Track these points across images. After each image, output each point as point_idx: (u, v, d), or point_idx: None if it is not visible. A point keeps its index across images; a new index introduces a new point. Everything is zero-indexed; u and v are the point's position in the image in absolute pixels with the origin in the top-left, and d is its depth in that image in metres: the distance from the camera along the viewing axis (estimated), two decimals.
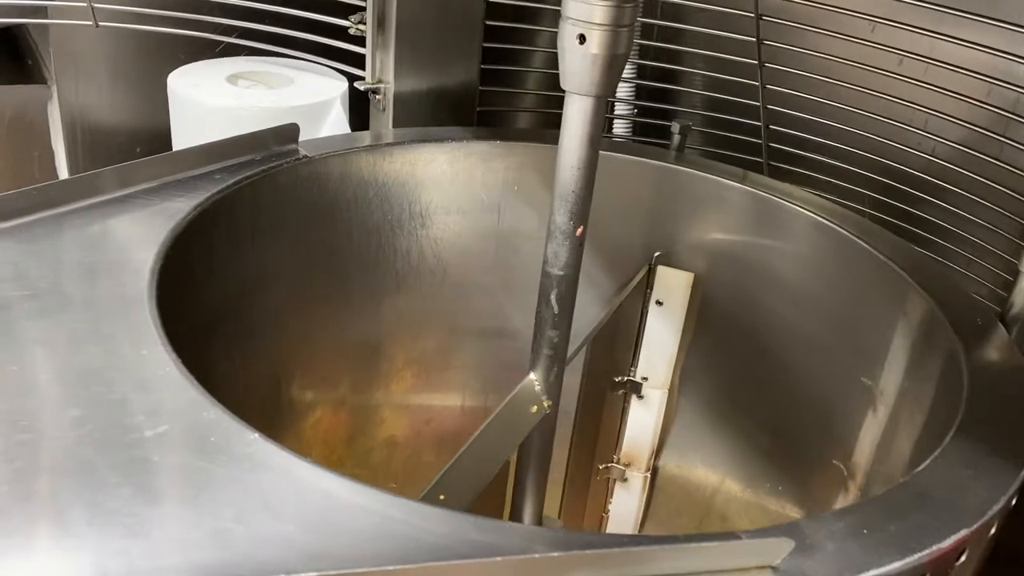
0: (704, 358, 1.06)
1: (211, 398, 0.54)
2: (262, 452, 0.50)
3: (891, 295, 0.78)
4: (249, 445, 0.50)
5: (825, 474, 0.83)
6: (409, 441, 1.18)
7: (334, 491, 0.48)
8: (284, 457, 0.50)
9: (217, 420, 0.52)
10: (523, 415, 0.76)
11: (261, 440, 0.51)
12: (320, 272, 1.00)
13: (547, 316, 0.75)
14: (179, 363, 0.57)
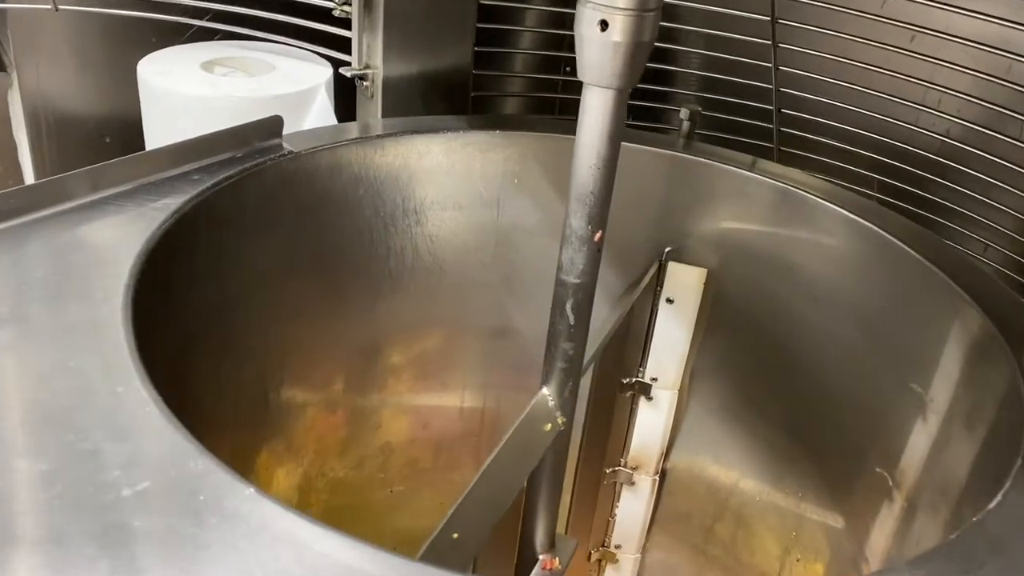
0: (716, 358, 1.00)
1: (198, 444, 0.47)
2: (259, 511, 0.44)
3: (934, 299, 0.73)
4: (244, 502, 0.44)
5: (865, 481, 0.78)
6: (406, 446, 1.12)
7: (343, 557, 0.42)
8: (284, 516, 0.44)
9: (206, 471, 0.46)
10: (537, 435, 0.70)
11: (257, 496, 0.45)
12: (309, 275, 0.93)
13: (562, 327, 0.69)
14: (160, 401, 0.50)
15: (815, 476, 0.89)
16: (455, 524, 0.59)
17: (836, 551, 0.82)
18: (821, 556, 0.87)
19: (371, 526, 1.16)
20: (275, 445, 0.97)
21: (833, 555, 0.83)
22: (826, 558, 0.84)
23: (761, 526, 1.02)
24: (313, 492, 1.05)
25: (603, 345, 0.83)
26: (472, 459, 1.17)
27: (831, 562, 0.82)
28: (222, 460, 0.88)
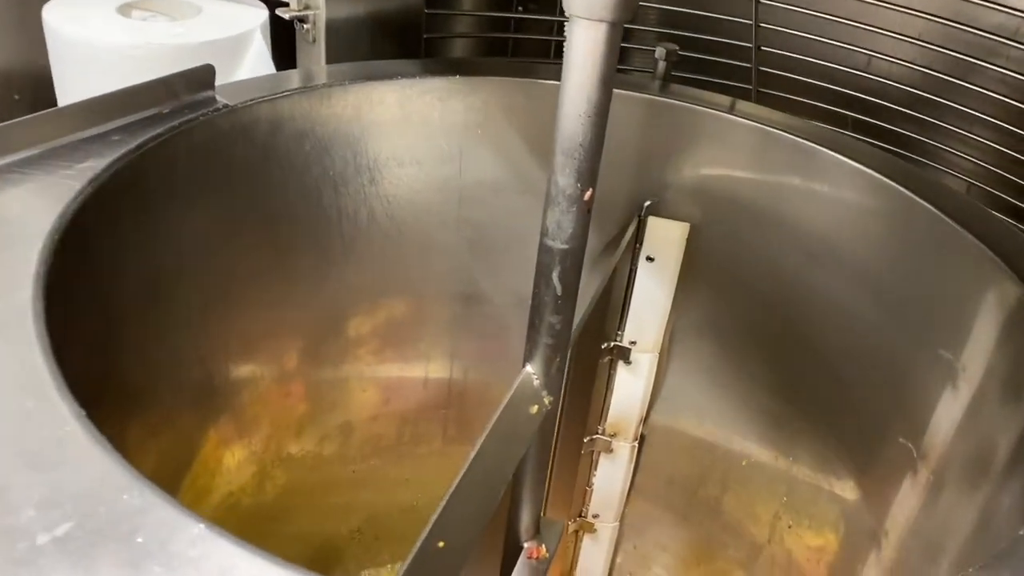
0: (699, 319, 0.94)
1: (134, 471, 0.39)
2: (213, 554, 0.36)
3: (959, 259, 0.66)
4: (193, 544, 0.36)
5: (884, 452, 0.73)
6: (367, 423, 1.04)
7: None
8: (245, 558, 0.36)
9: (145, 506, 0.37)
10: (523, 420, 0.63)
11: (209, 533, 0.36)
12: (253, 243, 0.83)
13: (547, 299, 0.61)
14: (83, 417, 0.41)
15: (815, 442, 0.84)
16: (440, 531, 0.52)
17: (849, 522, 0.77)
18: (827, 525, 0.82)
19: (332, 504, 1.08)
20: (223, 427, 0.88)
21: (847, 527, 0.78)
22: (838, 529, 0.79)
23: (748, 491, 0.97)
24: (268, 475, 0.97)
25: (587, 314, 0.75)
26: (439, 433, 1.09)
27: (846, 534, 0.78)
28: (163, 448, 0.80)
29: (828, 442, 0.82)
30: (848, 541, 0.77)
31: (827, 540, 0.80)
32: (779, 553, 0.93)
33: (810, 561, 0.85)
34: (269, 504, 0.99)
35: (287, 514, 1.03)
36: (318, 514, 1.08)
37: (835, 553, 0.78)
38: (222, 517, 0.92)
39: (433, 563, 0.50)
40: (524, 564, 0.73)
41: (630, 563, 1.16)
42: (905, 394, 0.71)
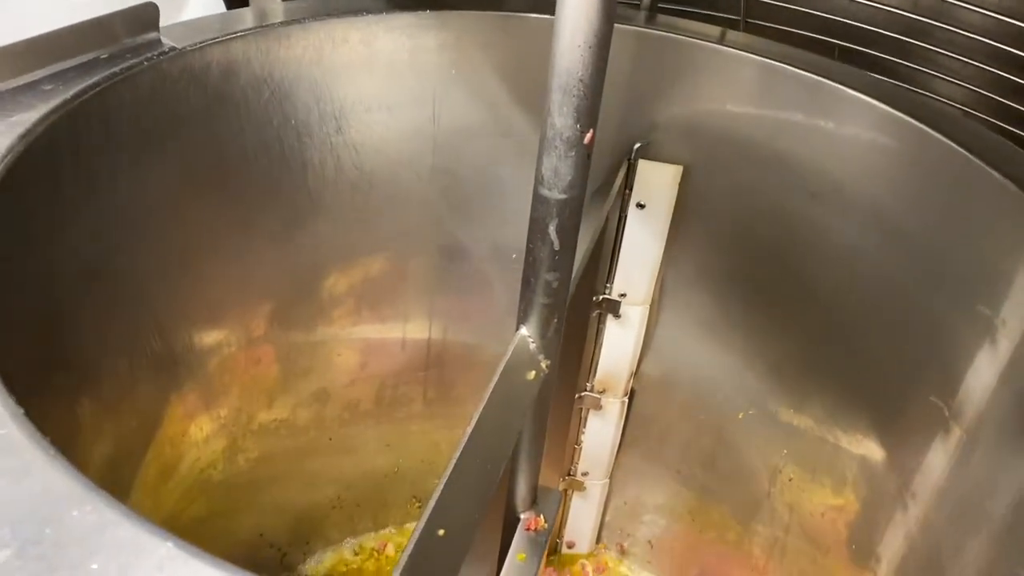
0: (693, 268, 0.89)
1: (85, 480, 0.33)
2: (183, 570, 0.30)
3: (989, 202, 0.61)
4: (160, 567, 0.30)
5: (909, 409, 0.69)
6: (343, 389, 0.98)
7: None
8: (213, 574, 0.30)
9: (99, 523, 0.31)
10: (520, 388, 0.57)
11: (179, 552, 0.31)
12: (210, 201, 0.76)
13: (543, 255, 0.55)
14: (22, 416, 0.35)
15: (823, 396, 0.80)
16: (439, 518, 0.46)
17: (870, 481, 0.74)
18: (843, 482, 0.79)
19: (310, 473, 1.03)
20: (187, 399, 0.81)
21: (867, 485, 0.74)
22: (856, 487, 0.76)
23: (746, 444, 0.93)
24: (240, 447, 0.91)
25: (581, 268, 0.70)
26: (419, 396, 1.04)
27: (867, 494, 0.74)
28: (122, 426, 0.73)
29: (839, 396, 0.78)
30: (869, 501, 0.74)
31: (846, 499, 0.76)
32: (780, 507, 0.90)
33: (827, 519, 0.82)
34: (243, 477, 0.94)
35: (263, 486, 0.98)
36: (296, 484, 1.02)
37: (855, 512, 0.75)
38: (193, 493, 0.87)
39: (434, 554, 0.45)
40: (523, 536, 0.68)
41: (621, 520, 1.13)
42: (935, 350, 0.66)
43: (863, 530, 0.74)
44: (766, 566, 0.95)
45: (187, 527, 0.87)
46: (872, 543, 0.72)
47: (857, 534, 0.75)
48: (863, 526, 0.74)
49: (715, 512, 1.02)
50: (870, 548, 0.72)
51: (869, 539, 0.72)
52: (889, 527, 0.69)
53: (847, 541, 0.78)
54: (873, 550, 0.71)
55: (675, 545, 1.10)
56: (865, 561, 0.72)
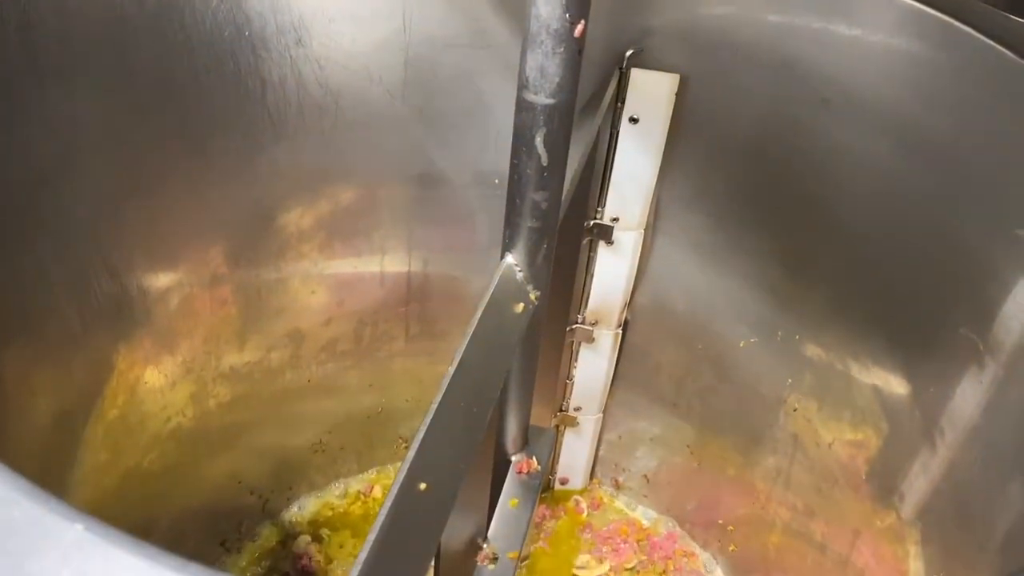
0: (691, 188, 0.82)
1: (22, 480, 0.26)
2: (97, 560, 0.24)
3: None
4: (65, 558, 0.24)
5: (938, 339, 0.63)
6: (319, 328, 0.92)
7: None
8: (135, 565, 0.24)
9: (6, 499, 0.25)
10: (507, 321, 0.51)
11: (90, 537, 0.25)
12: (159, 127, 0.68)
13: (529, 171, 0.49)
14: None
15: (834, 323, 0.75)
16: (420, 469, 0.41)
17: (892, 416, 0.69)
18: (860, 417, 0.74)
19: (289, 417, 0.98)
20: (144, 344, 0.75)
21: (889, 421, 0.69)
22: (877, 423, 0.71)
23: (747, 374, 0.88)
24: (209, 393, 0.85)
25: (571, 188, 0.63)
26: (401, 333, 0.98)
27: (889, 429, 0.69)
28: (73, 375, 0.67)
29: (853, 324, 0.72)
30: (888, 435, 0.69)
31: (858, 431, 0.72)
32: (783, 439, 0.86)
33: (835, 451, 0.78)
34: (215, 424, 0.88)
35: (238, 432, 0.93)
36: (274, 429, 0.97)
37: (870, 445, 0.70)
38: (162, 443, 0.81)
39: (415, 512, 0.40)
40: (515, 480, 0.63)
41: (615, 455, 1.08)
42: (966, 277, 0.60)
43: (881, 465, 0.70)
44: (768, 498, 0.92)
45: (157, 478, 0.82)
46: (894, 480, 0.67)
47: (875, 468, 0.71)
48: (881, 461, 0.70)
49: (714, 445, 0.97)
50: (891, 484, 0.68)
51: (890, 475, 0.68)
52: (914, 465, 0.64)
53: (860, 474, 0.74)
54: (896, 487, 0.67)
55: (672, 479, 1.06)
56: (886, 497, 0.68)
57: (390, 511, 0.38)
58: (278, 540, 1.02)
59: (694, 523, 1.05)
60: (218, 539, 0.97)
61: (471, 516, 0.55)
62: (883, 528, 0.69)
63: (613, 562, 1.02)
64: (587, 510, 1.09)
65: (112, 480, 0.76)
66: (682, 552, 1.04)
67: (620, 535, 1.05)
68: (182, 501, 0.89)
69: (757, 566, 0.97)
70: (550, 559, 1.03)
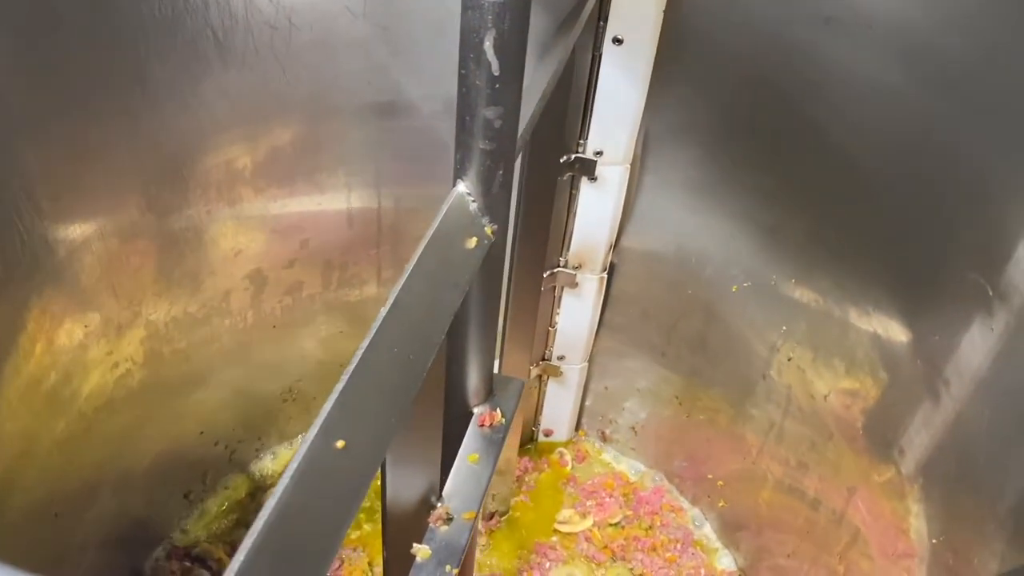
0: (680, 117, 0.75)
1: None
2: None
3: None
4: None
5: (944, 283, 0.57)
6: (282, 271, 0.87)
7: None
8: None
9: None
10: (457, 256, 0.45)
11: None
12: (84, 52, 0.61)
13: (479, 81, 0.42)
14: None
15: (832, 266, 0.68)
16: (337, 423, 0.35)
17: (891, 365, 0.63)
18: (857, 365, 0.68)
19: (255, 365, 0.92)
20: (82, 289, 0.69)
21: (888, 370, 0.63)
22: (875, 371, 0.64)
23: (739, 321, 0.82)
24: (163, 339, 0.80)
25: (538, 110, 0.56)
26: (372, 276, 0.92)
27: (889, 379, 0.63)
28: None
29: (852, 266, 0.66)
30: (888, 386, 0.63)
31: (856, 382, 0.66)
32: (777, 389, 0.80)
33: (831, 403, 0.72)
34: (171, 372, 0.83)
35: (198, 380, 0.87)
36: (238, 376, 0.92)
37: (868, 397, 0.64)
38: (109, 393, 0.76)
39: (329, 473, 0.34)
40: (476, 434, 0.58)
41: (601, 406, 1.03)
42: (977, 216, 0.54)
43: (880, 416, 0.64)
44: (760, 452, 0.86)
45: (108, 433, 0.77)
46: (894, 432, 0.61)
47: (872, 420, 0.65)
48: (879, 412, 0.64)
49: (704, 396, 0.92)
50: (890, 437, 0.62)
51: (890, 427, 0.62)
52: (915, 417, 0.58)
53: (856, 427, 0.68)
54: (895, 441, 0.61)
55: (661, 431, 1.01)
56: (885, 451, 0.63)
57: (296, 474, 0.33)
58: (247, 492, 0.98)
59: (683, 477, 1.01)
60: (181, 491, 0.93)
61: (420, 473, 0.50)
62: (881, 483, 0.64)
63: (597, 517, 0.97)
64: (571, 463, 1.04)
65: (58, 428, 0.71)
66: (669, 507, 0.99)
67: (605, 489, 1.00)
68: (140, 452, 0.84)
69: (748, 522, 0.92)
70: (531, 513, 0.98)
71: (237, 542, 0.91)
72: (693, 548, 0.95)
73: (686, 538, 0.95)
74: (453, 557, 0.50)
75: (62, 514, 0.73)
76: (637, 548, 0.94)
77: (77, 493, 0.76)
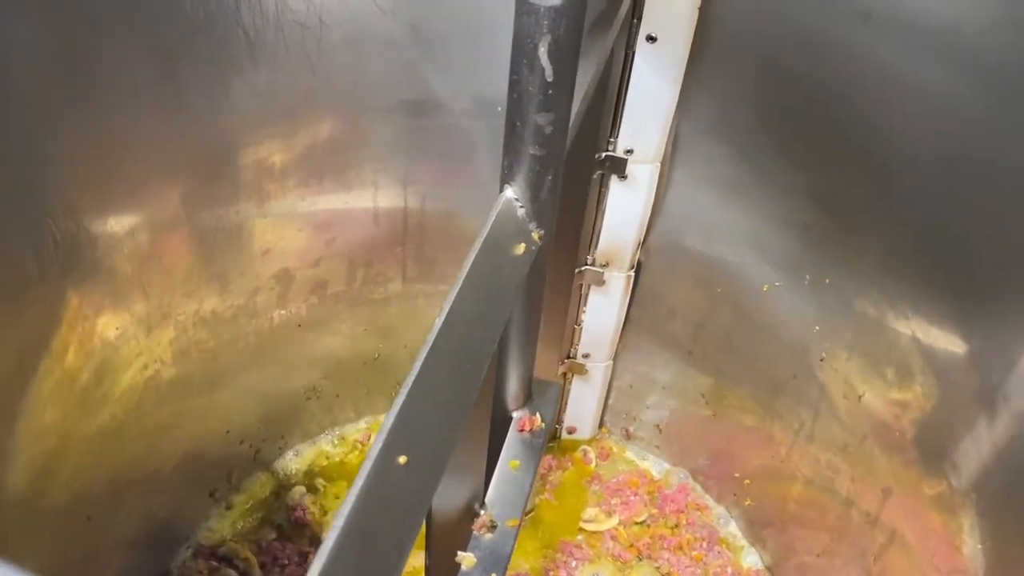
0: (713, 115, 0.75)
1: None
2: None
3: None
4: None
5: (1000, 289, 0.56)
6: (308, 269, 0.86)
7: None
8: None
9: None
10: (506, 264, 0.45)
11: None
12: (116, 50, 0.61)
13: (532, 87, 0.42)
14: None
15: (872, 267, 0.68)
16: (399, 439, 0.35)
17: (937, 372, 0.62)
18: (888, 365, 0.67)
19: (280, 363, 0.92)
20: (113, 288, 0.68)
21: (935, 377, 0.62)
22: (924, 381, 0.64)
23: (770, 320, 0.82)
24: (191, 340, 0.80)
25: (581, 111, 0.56)
26: (397, 274, 0.92)
27: (940, 390, 0.62)
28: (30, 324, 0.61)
29: (894, 269, 0.65)
30: (942, 397, 0.62)
31: (911, 394, 0.65)
32: (809, 390, 0.80)
33: (867, 405, 0.71)
34: (198, 372, 0.83)
35: (225, 379, 0.87)
36: (264, 375, 0.92)
37: (921, 409, 0.64)
38: (139, 394, 0.76)
39: (393, 489, 0.34)
40: (516, 440, 0.57)
41: (626, 403, 1.03)
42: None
43: (928, 429, 0.63)
44: (789, 451, 0.86)
45: (138, 433, 0.77)
46: (944, 446, 0.61)
47: (920, 432, 0.64)
48: (927, 424, 0.63)
49: (731, 395, 0.91)
50: (939, 450, 0.61)
51: (940, 441, 0.61)
52: (969, 432, 0.58)
53: (904, 436, 0.68)
54: (946, 454, 0.60)
55: (685, 429, 1.00)
56: (934, 464, 0.62)
57: (361, 493, 0.32)
58: (271, 491, 0.98)
59: (708, 475, 1.00)
60: (207, 490, 0.92)
61: (466, 481, 0.50)
62: (932, 496, 0.63)
63: (622, 515, 0.97)
64: (595, 460, 1.04)
65: (90, 428, 0.70)
66: (695, 505, 0.99)
67: (630, 487, 1.00)
68: (167, 451, 0.84)
69: (774, 521, 0.92)
70: (556, 512, 0.98)
71: (262, 541, 0.92)
72: (719, 546, 0.95)
73: (712, 536, 0.95)
74: (499, 566, 0.50)
75: (93, 516, 0.72)
76: (663, 547, 0.94)
77: (107, 494, 0.75)
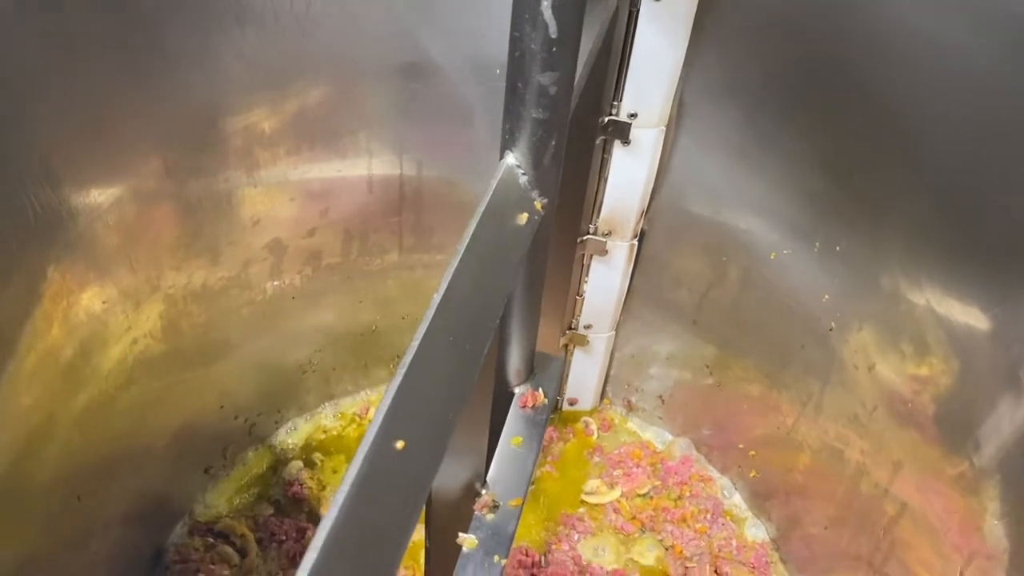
0: (719, 77, 0.72)
1: None
2: None
3: None
4: None
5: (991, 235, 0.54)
6: (301, 240, 0.84)
7: None
8: None
9: None
10: (508, 235, 0.42)
11: None
12: (100, 15, 0.58)
13: (535, 45, 0.39)
14: None
15: (886, 233, 0.65)
16: (397, 424, 0.33)
17: (959, 347, 0.60)
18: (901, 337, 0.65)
19: (275, 336, 0.90)
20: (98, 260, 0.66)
21: (960, 355, 0.60)
22: (945, 355, 0.61)
23: (777, 290, 0.80)
24: (182, 313, 0.78)
25: (585, 73, 0.53)
26: (394, 244, 0.89)
27: (961, 364, 0.60)
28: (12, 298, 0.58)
29: (908, 238, 0.62)
30: (963, 373, 0.60)
31: (922, 365, 0.63)
32: (817, 359, 0.78)
33: (879, 375, 0.69)
34: (190, 346, 0.81)
35: (218, 353, 0.85)
36: (258, 348, 0.89)
37: (940, 384, 0.62)
38: (129, 370, 0.74)
39: (392, 475, 0.32)
40: (518, 416, 0.55)
41: (628, 374, 1.01)
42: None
43: (947, 405, 0.61)
44: (796, 423, 0.84)
45: (128, 409, 0.75)
46: (964, 422, 0.59)
47: (938, 407, 0.62)
48: (947, 400, 0.61)
49: (736, 365, 0.90)
50: (960, 427, 0.59)
51: (958, 415, 0.59)
52: (994, 410, 0.56)
53: (912, 405, 0.66)
54: (967, 431, 0.58)
55: (689, 400, 0.99)
56: (955, 441, 0.60)
57: (356, 480, 0.30)
58: (268, 466, 0.96)
59: (712, 446, 0.99)
60: (202, 466, 0.91)
61: (466, 460, 0.48)
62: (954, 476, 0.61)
63: (624, 487, 0.96)
64: (597, 432, 1.02)
65: (77, 405, 0.68)
66: (698, 477, 0.97)
67: (632, 458, 0.98)
68: (160, 427, 0.82)
69: (779, 492, 0.91)
70: (557, 484, 0.97)
71: (259, 516, 0.90)
72: (723, 518, 0.94)
73: (716, 508, 0.94)
74: (501, 547, 0.48)
75: (84, 495, 0.71)
76: (666, 519, 0.92)
77: (98, 470, 0.74)
